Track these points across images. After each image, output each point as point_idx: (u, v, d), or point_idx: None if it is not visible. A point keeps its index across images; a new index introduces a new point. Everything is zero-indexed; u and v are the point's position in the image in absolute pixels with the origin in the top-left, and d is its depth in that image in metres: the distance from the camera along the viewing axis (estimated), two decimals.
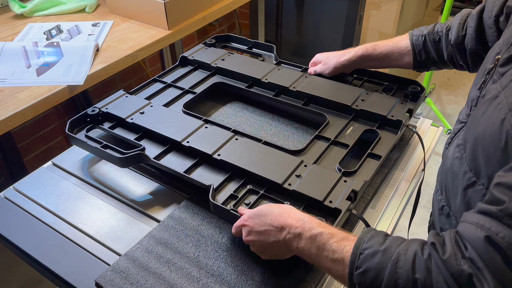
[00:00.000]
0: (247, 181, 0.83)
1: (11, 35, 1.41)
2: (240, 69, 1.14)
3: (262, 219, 0.69)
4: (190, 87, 1.11)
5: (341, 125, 0.97)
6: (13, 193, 0.90)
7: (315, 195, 0.76)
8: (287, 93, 1.08)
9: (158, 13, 1.43)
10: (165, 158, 0.89)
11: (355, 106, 0.99)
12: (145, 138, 0.95)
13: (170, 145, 0.91)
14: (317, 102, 1.04)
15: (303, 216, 0.67)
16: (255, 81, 1.12)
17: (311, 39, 2.91)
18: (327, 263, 0.62)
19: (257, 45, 1.27)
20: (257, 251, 0.72)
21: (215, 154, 0.86)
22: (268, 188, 0.81)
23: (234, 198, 0.80)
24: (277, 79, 1.09)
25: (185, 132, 0.92)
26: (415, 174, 0.97)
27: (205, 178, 0.84)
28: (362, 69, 1.13)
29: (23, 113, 1.08)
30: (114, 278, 0.71)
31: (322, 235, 0.63)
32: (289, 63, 1.19)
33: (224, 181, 0.83)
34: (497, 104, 0.57)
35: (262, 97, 1.09)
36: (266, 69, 1.14)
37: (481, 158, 0.58)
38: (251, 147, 0.88)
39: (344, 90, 1.05)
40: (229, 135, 0.91)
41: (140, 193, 0.90)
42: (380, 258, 0.55)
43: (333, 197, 0.77)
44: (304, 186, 0.79)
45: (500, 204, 0.50)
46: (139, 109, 0.99)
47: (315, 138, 0.93)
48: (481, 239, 0.49)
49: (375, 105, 0.99)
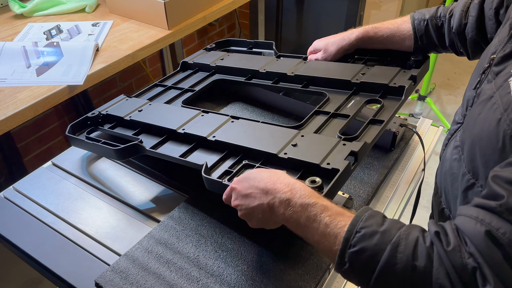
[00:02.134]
0: (242, 158, 0.79)
1: (11, 35, 1.41)
2: (239, 64, 1.12)
3: (249, 182, 0.66)
4: (189, 86, 1.10)
5: (341, 100, 0.92)
6: (13, 193, 0.90)
7: (312, 159, 0.72)
8: (286, 80, 1.04)
9: (158, 13, 1.43)
10: (161, 147, 0.87)
11: (355, 80, 0.94)
12: (144, 133, 0.93)
13: (167, 136, 0.89)
14: (317, 83, 1.00)
15: (294, 182, 0.62)
16: (253, 73, 1.09)
17: (311, 39, 2.89)
18: (316, 236, 0.58)
19: (256, 44, 1.27)
20: (243, 216, 0.67)
21: (210, 137, 0.83)
22: (264, 161, 0.77)
23: (228, 173, 0.77)
24: (275, 68, 1.07)
25: (181, 121, 0.90)
26: (415, 174, 0.97)
27: (200, 160, 0.80)
28: (363, 49, 1.08)
29: (23, 113, 1.08)
30: (114, 278, 0.71)
31: (315, 206, 0.58)
32: (288, 55, 1.16)
33: (219, 160, 0.80)
34: (492, 104, 0.56)
35: (261, 87, 1.06)
36: (264, 61, 1.11)
37: (479, 160, 0.58)
38: (248, 126, 0.85)
39: (344, 68, 1.01)
40: (225, 119, 0.88)
41: (140, 193, 0.90)
42: (379, 240, 0.53)
43: (331, 159, 0.72)
44: (301, 153, 0.74)
45: (499, 199, 0.49)
46: (137, 108, 0.99)
47: (314, 114, 0.88)
48: (481, 234, 0.48)
49: (377, 76, 0.95)
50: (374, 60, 1.06)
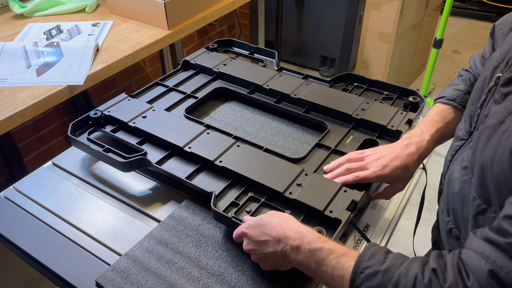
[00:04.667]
0: (248, 188, 0.84)
1: (11, 35, 1.41)
2: (242, 74, 1.15)
3: (261, 229, 0.69)
4: (192, 92, 1.11)
5: (341, 134, 0.97)
6: (13, 193, 0.90)
7: (316, 204, 0.77)
8: (288, 100, 1.09)
9: (158, 13, 1.43)
10: (167, 163, 0.90)
11: (355, 115, 1.00)
12: (147, 142, 0.95)
13: (172, 150, 0.92)
14: (318, 110, 1.05)
15: (302, 228, 0.66)
16: (256, 87, 1.12)
17: (311, 39, 2.91)
18: (326, 279, 0.62)
19: (259, 50, 1.27)
20: (257, 260, 0.72)
21: (217, 161, 0.87)
22: (269, 196, 0.82)
23: (235, 205, 0.80)
24: (279, 86, 1.10)
25: (187, 137, 0.92)
26: (415, 175, 0.97)
27: (206, 184, 0.84)
28: (363, 78, 1.14)
29: (23, 113, 1.08)
30: (115, 278, 0.71)
31: (322, 250, 0.62)
32: (290, 70, 1.20)
33: (226, 188, 0.84)
34: (503, 131, 0.55)
35: (263, 103, 1.10)
36: (267, 76, 1.14)
37: (491, 186, 0.56)
38: (252, 154, 0.89)
39: (344, 98, 1.06)
40: (230, 142, 0.92)
41: (141, 192, 0.90)
42: (380, 279, 0.55)
43: (333, 207, 0.77)
44: (305, 195, 0.79)
45: (508, 236, 0.49)
46: (141, 113, 1.00)
47: (315, 146, 0.94)
48: (484, 272, 0.49)
49: (375, 114, 1.00)
50: (373, 91, 1.13)
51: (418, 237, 1.00)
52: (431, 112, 0.88)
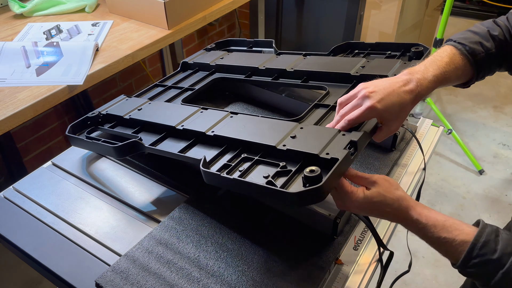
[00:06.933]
0: (241, 151, 0.78)
1: (11, 35, 1.41)
2: (239, 62, 1.12)
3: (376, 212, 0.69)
4: (189, 85, 1.10)
5: (341, 93, 0.90)
6: (13, 193, 0.90)
7: (311, 149, 0.70)
8: (286, 75, 1.04)
9: (158, 13, 1.43)
10: (160, 144, 0.87)
11: (355, 73, 0.93)
12: (143, 131, 0.93)
13: (166, 132, 0.89)
14: (317, 77, 0.99)
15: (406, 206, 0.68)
16: (253, 71, 1.08)
17: (311, 39, 2.91)
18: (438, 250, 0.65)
19: (256, 43, 1.26)
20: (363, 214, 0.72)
21: (209, 132, 0.83)
22: (263, 153, 0.75)
23: (227, 167, 0.75)
24: (275, 64, 1.06)
25: (180, 118, 0.89)
26: (415, 175, 0.97)
27: (198, 155, 0.79)
28: (363, 44, 1.07)
29: (23, 113, 1.08)
30: (115, 278, 0.71)
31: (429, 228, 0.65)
32: (289, 52, 1.15)
33: (218, 155, 0.79)
34: None
35: (260, 84, 1.06)
36: (264, 59, 1.11)
37: None
38: (247, 120, 0.85)
39: (344, 62, 1.01)
40: (224, 114, 0.88)
41: (141, 193, 0.90)
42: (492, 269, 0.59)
43: (330, 149, 0.70)
44: (299, 144, 0.73)
45: None
46: (137, 107, 0.99)
47: (314, 107, 0.88)
48: None
49: (377, 68, 0.94)
50: (375, 53, 1.05)
51: (418, 237, 1.00)
52: (441, 52, 0.78)
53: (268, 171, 0.71)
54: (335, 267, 0.76)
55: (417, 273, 1.83)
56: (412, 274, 1.82)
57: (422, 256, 1.88)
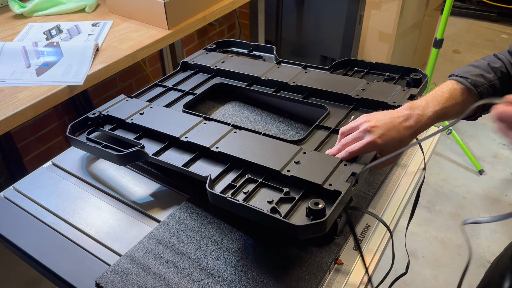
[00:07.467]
0: (245, 171, 0.80)
1: (11, 35, 1.41)
2: (240, 69, 1.13)
3: None
4: (190, 89, 1.11)
5: (342, 115, 0.94)
6: (13, 193, 0.90)
7: (314, 179, 0.73)
8: (287, 89, 1.06)
9: (158, 13, 1.43)
10: (163, 154, 0.88)
11: (355, 96, 0.96)
12: (145, 137, 0.94)
13: (169, 142, 0.90)
14: (317, 95, 1.02)
15: None
16: (254, 80, 1.10)
17: (311, 39, 2.91)
18: None
19: (257, 47, 1.27)
20: None
21: (213, 147, 0.84)
22: (266, 176, 0.79)
23: (232, 187, 0.77)
24: (277, 76, 1.08)
25: (184, 128, 0.91)
26: (415, 174, 0.97)
27: (203, 171, 0.82)
28: (363, 62, 1.10)
29: (23, 113, 1.08)
30: (115, 278, 0.71)
31: None
32: (289, 62, 1.17)
33: (222, 172, 0.81)
34: None
35: (261, 94, 1.07)
36: (265, 68, 1.13)
37: None
38: (250, 138, 0.86)
39: (344, 81, 1.03)
40: (227, 129, 0.89)
41: (141, 193, 0.90)
42: None
43: (332, 180, 0.73)
44: (303, 171, 0.76)
45: None
46: (139, 110, 0.99)
47: (315, 128, 0.91)
48: None
49: (376, 93, 0.96)
50: (374, 73, 1.09)
51: (418, 237, 1.00)
52: (443, 86, 0.82)
53: (272, 196, 0.74)
54: (335, 267, 0.77)
55: (417, 273, 1.83)
56: (412, 274, 1.82)
57: (422, 256, 1.88)
